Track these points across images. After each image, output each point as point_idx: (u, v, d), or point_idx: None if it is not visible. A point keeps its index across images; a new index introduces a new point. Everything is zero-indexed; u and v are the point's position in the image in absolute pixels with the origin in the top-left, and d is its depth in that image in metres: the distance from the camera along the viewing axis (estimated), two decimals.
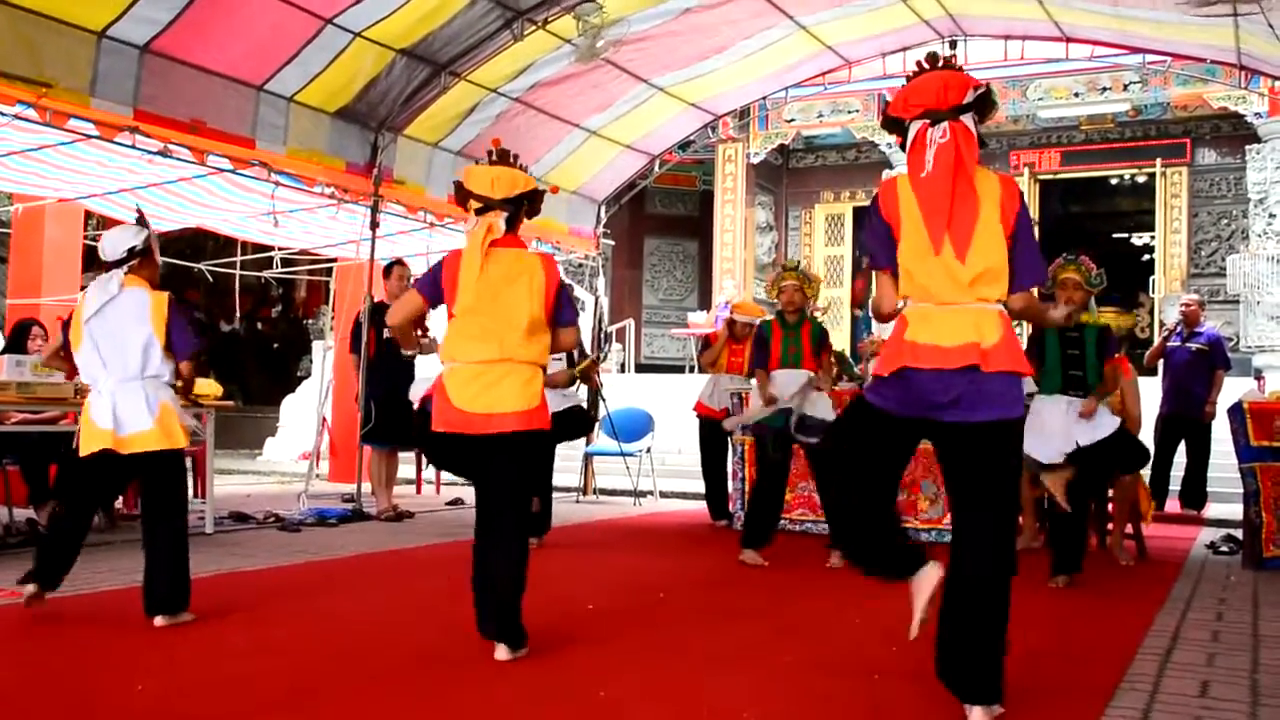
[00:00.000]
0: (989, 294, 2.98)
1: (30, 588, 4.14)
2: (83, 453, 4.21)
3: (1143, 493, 6.59)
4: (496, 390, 3.64)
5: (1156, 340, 10.02)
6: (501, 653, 3.57)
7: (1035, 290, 3.15)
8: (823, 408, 5.89)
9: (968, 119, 3.05)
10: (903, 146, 3.16)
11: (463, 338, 3.70)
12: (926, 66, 3.16)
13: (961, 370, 2.92)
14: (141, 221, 4.40)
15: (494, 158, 3.87)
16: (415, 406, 3.74)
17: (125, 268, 4.31)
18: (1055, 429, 5.36)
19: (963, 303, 2.98)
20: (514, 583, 3.66)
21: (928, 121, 3.05)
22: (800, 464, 6.55)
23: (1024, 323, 3.88)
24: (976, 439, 2.96)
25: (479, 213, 3.74)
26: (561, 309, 3.80)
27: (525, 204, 3.81)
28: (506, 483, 3.72)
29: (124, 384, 4.21)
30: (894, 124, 3.20)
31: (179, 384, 4.43)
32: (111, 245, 4.35)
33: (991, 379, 2.92)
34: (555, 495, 6.96)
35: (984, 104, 3.08)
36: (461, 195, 3.81)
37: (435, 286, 3.78)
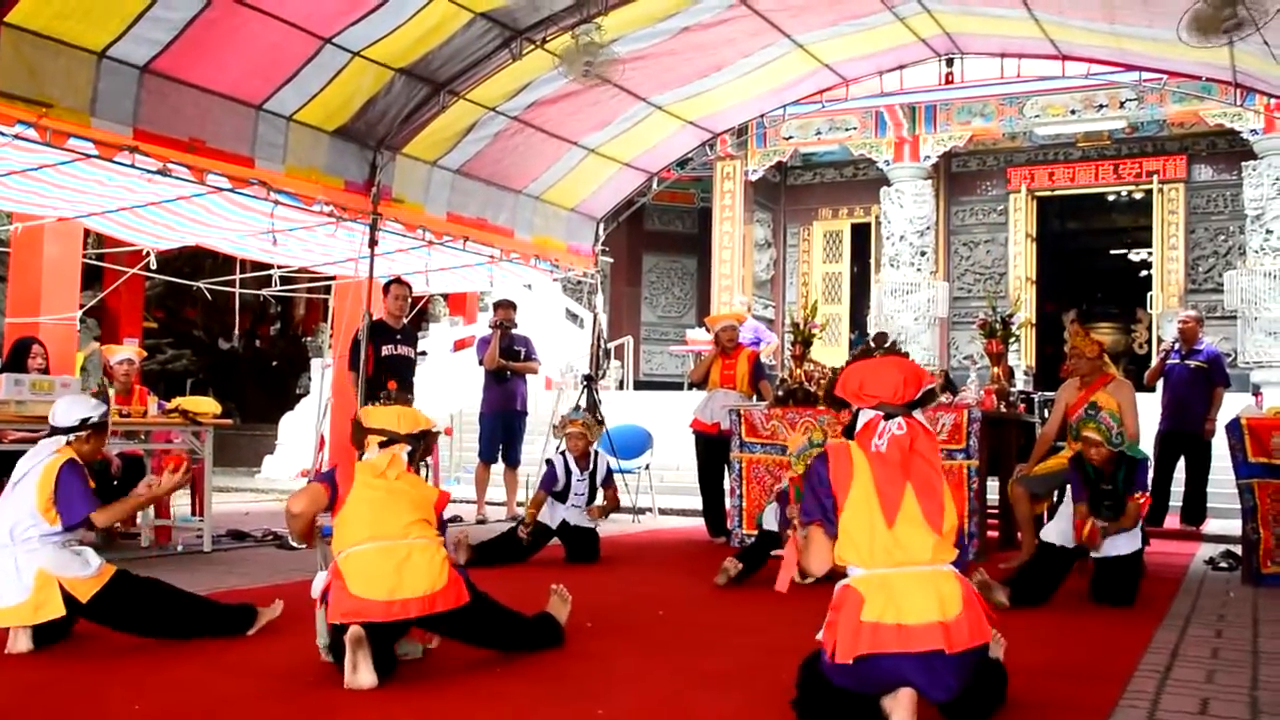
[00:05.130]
0: (947, 557, 3.00)
1: None
2: None
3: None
4: (404, 572, 3.61)
5: (1155, 358, 10.02)
6: None
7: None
8: None
9: (919, 412, 3.14)
10: (850, 426, 3.19)
11: (356, 526, 3.72)
12: (873, 348, 3.25)
13: (925, 655, 2.84)
14: (101, 395, 4.24)
15: (391, 399, 4.14)
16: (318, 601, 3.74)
17: (72, 437, 4.14)
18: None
19: (922, 566, 2.96)
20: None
21: (881, 414, 3.10)
22: None
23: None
24: (938, 706, 2.96)
25: (383, 445, 3.91)
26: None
27: (423, 441, 4.00)
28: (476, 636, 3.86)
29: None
30: (840, 402, 3.23)
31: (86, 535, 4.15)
32: (65, 412, 4.17)
33: (956, 659, 2.86)
34: None
35: (929, 397, 3.19)
36: (359, 434, 3.96)
37: (334, 486, 3.84)
